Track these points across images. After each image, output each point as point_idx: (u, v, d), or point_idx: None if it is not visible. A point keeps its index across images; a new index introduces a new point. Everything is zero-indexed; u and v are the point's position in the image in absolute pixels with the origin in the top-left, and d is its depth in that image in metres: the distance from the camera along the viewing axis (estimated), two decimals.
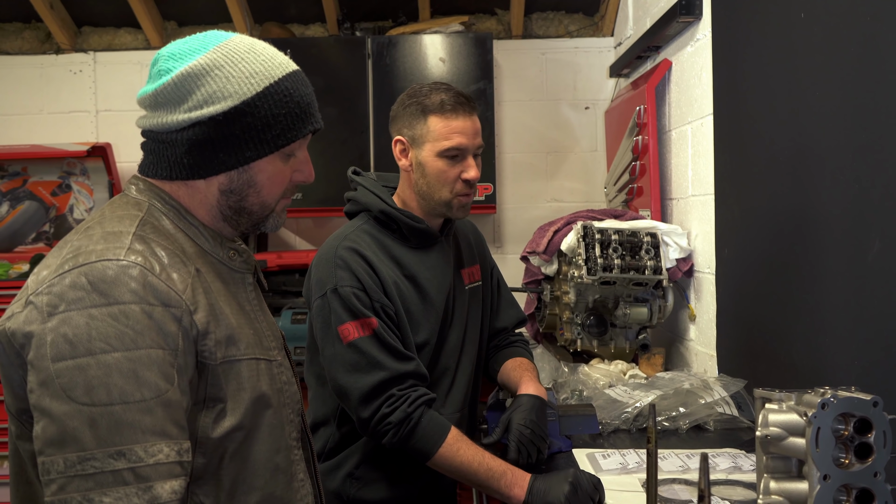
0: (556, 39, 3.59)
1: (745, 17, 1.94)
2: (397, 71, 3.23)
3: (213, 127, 0.99)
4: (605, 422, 1.78)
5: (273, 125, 1.01)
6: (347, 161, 2.67)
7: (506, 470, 1.45)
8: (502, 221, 3.63)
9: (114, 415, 0.84)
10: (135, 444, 0.84)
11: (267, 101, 1.00)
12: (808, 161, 1.61)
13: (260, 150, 1.02)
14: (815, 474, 1.01)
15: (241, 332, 1.02)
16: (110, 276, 0.89)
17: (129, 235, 0.95)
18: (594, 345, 2.29)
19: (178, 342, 0.91)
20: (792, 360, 1.68)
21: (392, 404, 1.47)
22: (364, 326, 1.49)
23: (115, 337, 0.86)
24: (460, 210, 1.61)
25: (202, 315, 0.95)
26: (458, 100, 1.58)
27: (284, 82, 1.02)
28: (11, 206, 3.54)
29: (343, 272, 1.52)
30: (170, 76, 0.98)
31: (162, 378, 0.88)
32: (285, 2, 3.51)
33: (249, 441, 1.01)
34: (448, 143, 1.55)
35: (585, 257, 2.15)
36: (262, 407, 1.03)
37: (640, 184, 2.74)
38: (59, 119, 3.61)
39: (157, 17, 3.55)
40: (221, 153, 1.01)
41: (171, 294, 0.92)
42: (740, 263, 1.99)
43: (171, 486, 0.86)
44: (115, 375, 0.85)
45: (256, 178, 1.04)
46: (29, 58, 3.61)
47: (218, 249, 1.06)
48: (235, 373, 1.00)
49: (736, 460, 1.53)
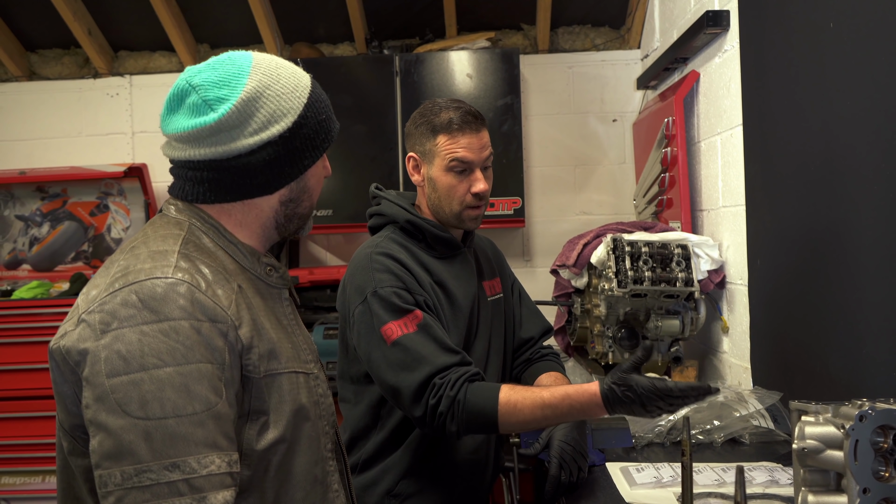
0: (583, 53, 3.60)
1: (773, 28, 1.94)
2: (425, 88, 3.27)
3: (282, 144, 1.04)
4: (639, 435, 1.77)
5: (320, 130, 1.09)
6: (376, 178, 2.71)
7: (567, 391, 1.39)
8: (531, 235, 3.63)
9: (168, 428, 0.87)
10: (188, 457, 0.87)
11: (312, 110, 1.08)
12: (839, 169, 1.60)
13: (314, 156, 1.10)
14: (855, 488, 1.00)
15: (281, 346, 1.05)
16: (159, 293, 0.92)
17: (174, 254, 0.98)
18: (626, 357, 2.27)
19: (224, 356, 0.94)
20: (828, 372, 1.66)
21: (436, 394, 1.43)
22: (408, 323, 1.48)
23: (167, 352, 0.89)
24: (472, 221, 1.65)
25: (246, 330, 0.98)
26: (464, 118, 1.61)
27: (315, 89, 1.10)
28: (52, 226, 3.64)
29: (381, 274, 1.53)
30: (229, 104, 1.00)
31: (212, 391, 0.91)
32: (314, 22, 3.58)
33: (291, 453, 1.03)
34: (454, 158, 1.60)
35: (616, 270, 2.14)
36: (301, 419, 1.06)
37: (670, 195, 2.72)
38: (97, 141, 3.72)
39: (191, 41, 3.64)
40: (287, 167, 1.07)
41: (218, 310, 0.95)
42: (773, 274, 1.96)
43: (224, 497, 0.89)
44: (167, 390, 0.88)
45: (310, 183, 1.12)
46: (68, 82, 3.72)
47: (256, 266, 1.09)
48: (277, 386, 1.02)
49: (773, 474, 1.51)
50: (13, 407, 3.20)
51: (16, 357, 3.18)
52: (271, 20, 3.48)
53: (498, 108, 3.27)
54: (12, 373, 3.19)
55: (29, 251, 3.63)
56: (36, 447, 3.20)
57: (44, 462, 3.22)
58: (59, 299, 3.27)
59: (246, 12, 3.38)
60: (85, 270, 3.55)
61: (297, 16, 3.53)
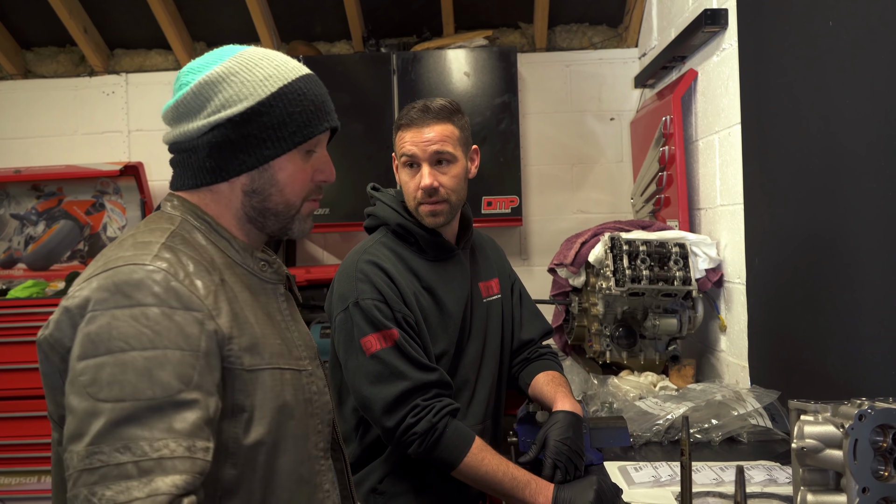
0: (580, 51, 3.60)
1: (771, 26, 1.93)
2: (422, 86, 3.26)
3: (230, 128, 1.03)
4: (637, 434, 1.77)
5: (289, 123, 1.05)
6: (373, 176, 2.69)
7: (530, 479, 1.46)
8: (528, 233, 3.62)
9: (123, 411, 0.86)
10: (141, 441, 0.85)
11: (281, 100, 1.05)
12: (838, 168, 1.60)
13: (278, 148, 1.06)
14: (854, 487, 1.00)
15: (266, 342, 1.04)
16: (135, 279, 0.92)
17: (157, 245, 0.98)
18: (623, 356, 2.27)
19: (199, 344, 0.93)
20: (826, 371, 1.66)
21: (417, 414, 1.47)
22: (386, 338, 1.51)
23: (134, 336, 0.89)
24: (429, 217, 1.62)
25: (225, 320, 0.97)
26: (416, 113, 1.60)
27: (298, 83, 1.07)
28: (47, 225, 3.62)
29: (364, 285, 1.54)
30: (188, 87, 1.04)
31: (176, 378, 0.89)
32: (311, 20, 3.57)
33: (276, 452, 1.02)
34: (402, 153, 1.61)
35: (613, 269, 2.14)
36: (285, 417, 1.04)
37: (668, 194, 2.72)
38: (93, 140, 3.70)
39: (187, 39, 3.62)
40: (241, 153, 1.05)
41: (193, 299, 0.94)
42: (771, 273, 1.96)
43: (173, 481, 0.85)
44: (129, 373, 0.87)
45: (278, 177, 1.07)
46: (63, 80, 3.70)
47: (248, 260, 1.09)
48: (260, 382, 1.01)
49: (771, 473, 1.51)
50: (8, 407, 3.19)
51: (11, 357, 3.17)
52: (268, 18, 3.47)
53: (495, 106, 3.26)
54: (7, 372, 3.18)
55: (24, 250, 3.62)
56: (32, 447, 3.19)
57: (40, 462, 3.21)
58: (55, 298, 3.25)
59: (243, 10, 3.37)
60: (80, 269, 3.54)
61: (294, 13, 3.52)
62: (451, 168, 1.61)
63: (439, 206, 1.60)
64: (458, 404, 1.55)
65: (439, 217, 1.61)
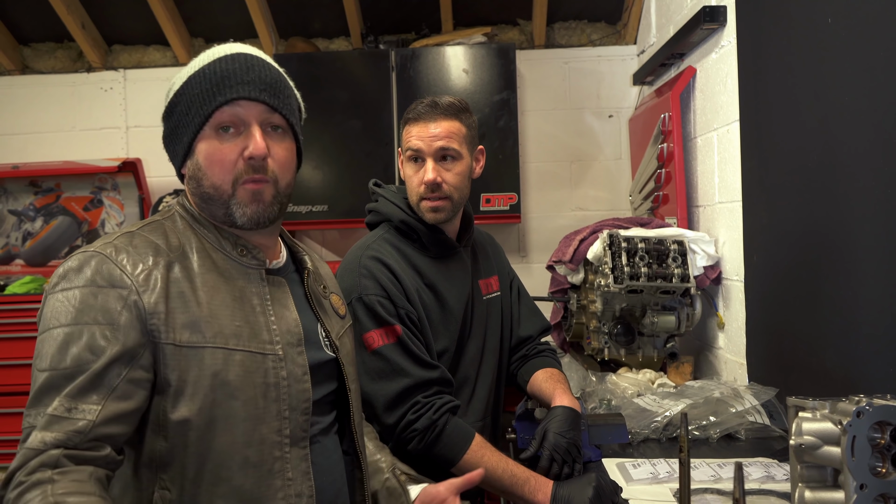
0: (579, 48, 3.59)
1: (770, 23, 1.93)
2: (421, 83, 3.26)
3: (165, 121, 1.13)
4: (635, 431, 1.77)
5: (194, 103, 1.08)
6: (372, 173, 2.70)
7: (529, 476, 1.46)
8: (527, 231, 3.62)
9: (46, 379, 0.96)
10: (49, 405, 0.94)
11: (189, 85, 1.09)
12: (836, 165, 1.60)
13: (191, 129, 1.09)
14: (852, 484, 1.00)
15: (214, 321, 1.04)
16: (76, 265, 1.02)
17: (122, 234, 1.08)
18: (622, 353, 2.27)
19: (118, 318, 1.00)
20: (824, 368, 1.66)
21: (417, 411, 1.48)
22: (388, 334, 1.51)
23: (63, 314, 0.99)
24: (429, 213, 1.61)
25: (153, 297, 1.02)
26: (424, 108, 1.60)
27: (212, 65, 1.08)
28: (45, 221, 3.62)
29: (368, 281, 1.54)
30: None
31: (88, 350, 0.97)
32: (310, 17, 3.56)
33: (212, 430, 1.02)
34: (408, 147, 1.61)
35: (612, 266, 2.14)
36: (225, 397, 1.03)
37: (666, 191, 2.72)
38: (91, 136, 3.69)
39: (185, 35, 3.62)
40: (174, 144, 1.13)
41: (122, 277, 1.01)
42: (770, 270, 1.96)
43: (43, 437, 0.92)
44: (52, 346, 0.98)
45: (200, 161, 1.09)
46: (61, 76, 3.69)
47: (227, 246, 1.12)
48: (197, 360, 1.03)
49: (769, 469, 1.51)
50: (7, 402, 3.19)
51: (9, 352, 3.17)
52: (266, 14, 3.46)
53: (494, 103, 3.26)
54: (6, 368, 3.17)
55: (22, 246, 3.62)
56: None
57: None
58: None
59: (241, 6, 3.36)
60: None
61: (292, 10, 3.51)
62: (455, 165, 1.60)
63: (441, 203, 1.60)
64: (459, 402, 1.55)
65: (440, 213, 1.60)
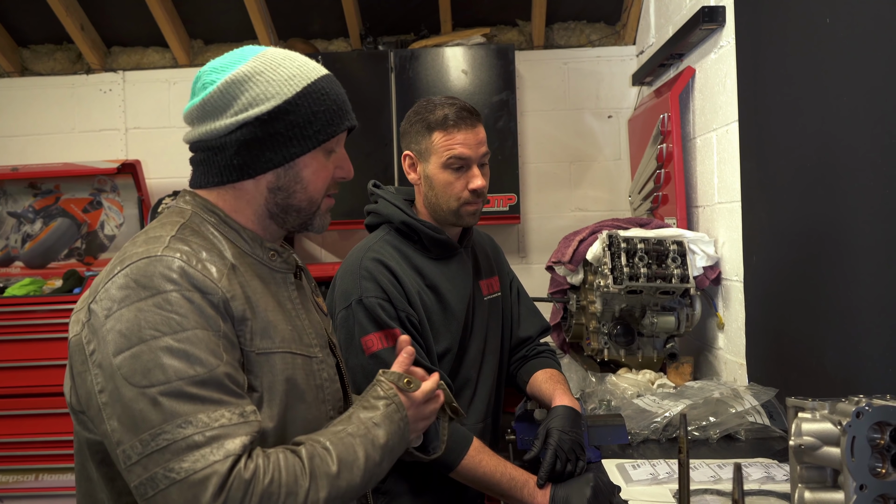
0: (578, 49, 3.60)
1: (769, 23, 1.93)
2: (420, 84, 3.26)
3: (258, 126, 1.06)
4: (635, 432, 1.77)
5: (314, 121, 1.08)
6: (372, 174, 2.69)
7: (528, 479, 1.46)
8: (526, 231, 3.62)
9: (172, 392, 0.90)
10: (199, 413, 0.90)
11: (306, 99, 1.07)
12: (835, 165, 1.60)
13: (304, 146, 1.08)
14: (851, 484, 1.00)
15: (278, 327, 1.06)
16: (150, 270, 0.96)
17: (168, 237, 1.02)
18: (621, 354, 2.27)
19: (219, 324, 0.97)
20: (824, 369, 1.66)
21: None
22: (388, 337, 1.50)
23: (163, 323, 0.93)
24: (470, 217, 1.63)
25: (238, 304, 1.01)
26: (460, 114, 1.60)
27: (320, 83, 1.10)
28: (45, 223, 3.62)
29: (368, 283, 1.53)
30: (214, 86, 1.06)
31: (210, 355, 0.94)
32: (309, 18, 3.56)
33: (285, 435, 1.04)
34: (451, 155, 1.59)
35: (611, 266, 2.14)
36: (295, 399, 1.06)
37: (665, 192, 2.72)
38: (90, 137, 3.69)
39: (184, 36, 3.62)
40: (268, 151, 1.07)
41: (207, 282, 0.98)
42: (769, 270, 1.96)
43: (242, 441, 0.91)
44: (167, 357, 0.91)
45: (302, 174, 1.10)
46: (60, 78, 3.70)
47: (258, 250, 1.11)
48: (270, 365, 1.03)
49: (768, 470, 1.51)
50: (6, 405, 3.19)
51: (8, 355, 3.17)
52: (265, 15, 3.46)
53: (493, 104, 3.26)
54: (5, 370, 3.17)
55: (21, 248, 3.61)
56: (29, 445, 3.19)
57: (37, 460, 3.21)
58: (52, 296, 3.25)
59: (240, 7, 3.36)
60: (78, 267, 3.53)
61: (291, 11, 3.51)
62: (486, 169, 1.65)
63: (480, 206, 1.64)
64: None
65: (477, 216, 1.64)
